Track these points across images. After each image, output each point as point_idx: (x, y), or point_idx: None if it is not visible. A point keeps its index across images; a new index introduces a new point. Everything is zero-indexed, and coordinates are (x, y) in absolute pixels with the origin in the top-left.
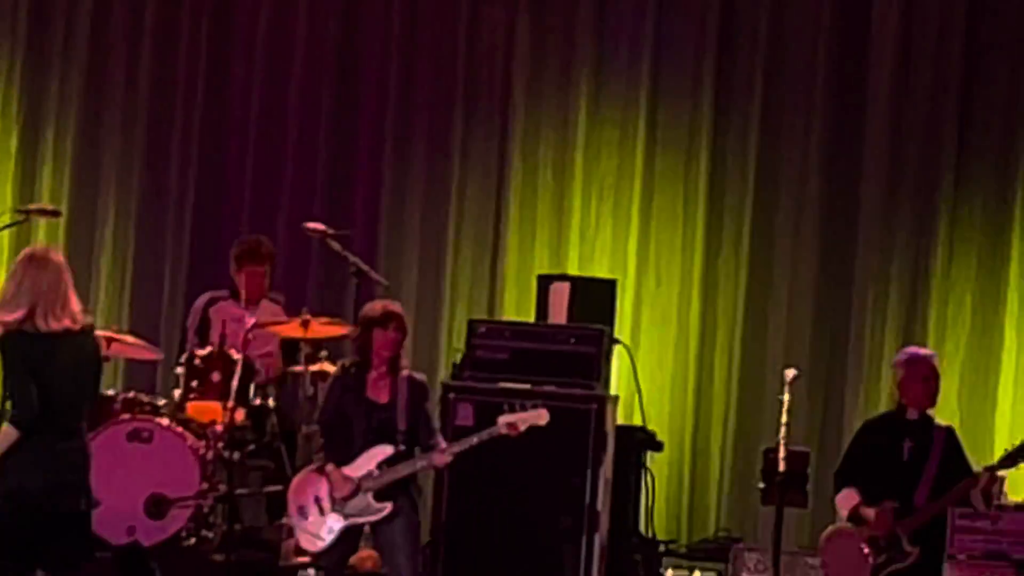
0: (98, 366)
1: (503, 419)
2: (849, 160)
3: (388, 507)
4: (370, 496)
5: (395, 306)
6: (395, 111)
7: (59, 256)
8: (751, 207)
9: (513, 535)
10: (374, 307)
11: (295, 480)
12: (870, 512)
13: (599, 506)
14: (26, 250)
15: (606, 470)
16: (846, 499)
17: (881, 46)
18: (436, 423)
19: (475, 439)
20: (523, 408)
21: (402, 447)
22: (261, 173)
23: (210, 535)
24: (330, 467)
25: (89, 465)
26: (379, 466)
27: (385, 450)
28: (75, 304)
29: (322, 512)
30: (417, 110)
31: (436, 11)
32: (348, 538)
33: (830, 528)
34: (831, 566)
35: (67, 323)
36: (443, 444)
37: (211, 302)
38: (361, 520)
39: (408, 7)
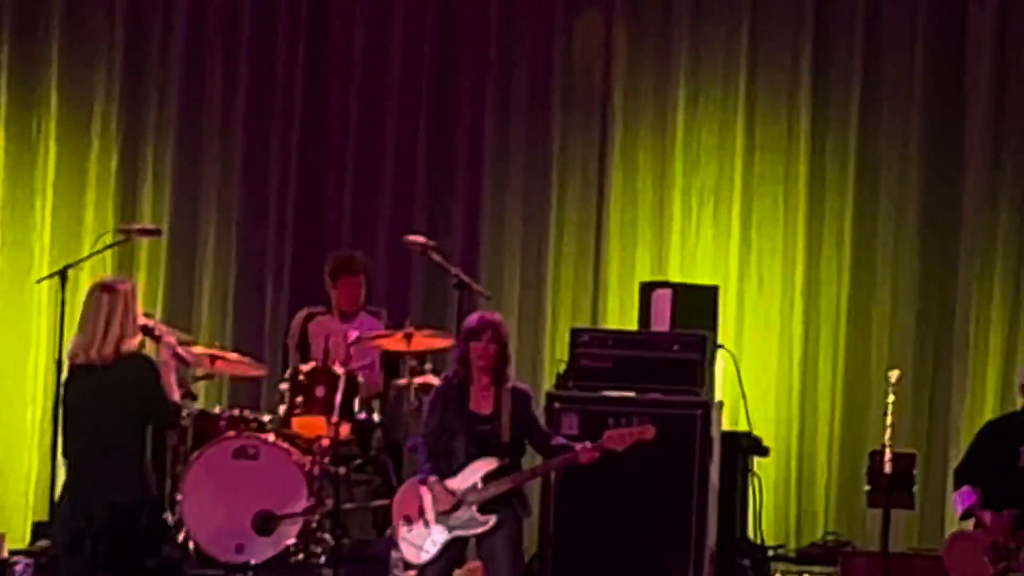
0: (132, 393)
1: (609, 434)
2: (950, 159)
3: (492, 520)
4: (474, 509)
5: (493, 317)
6: (493, 122)
7: (107, 287)
8: (852, 208)
9: (621, 544)
10: (471, 319)
11: (399, 493)
12: (986, 516)
13: (707, 512)
14: None
15: (713, 476)
16: (962, 497)
17: (979, 40)
18: (545, 426)
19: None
20: (630, 423)
21: (506, 460)
22: (360, 187)
23: (318, 550)
24: (433, 480)
25: (123, 483)
26: (483, 479)
27: (489, 463)
28: (106, 337)
29: (426, 525)
30: (515, 120)
31: (532, 21)
32: (453, 550)
33: (954, 531)
34: (953, 569)
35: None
36: (562, 441)
37: (309, 318)
38: (465, 533)
39: (504, 18)
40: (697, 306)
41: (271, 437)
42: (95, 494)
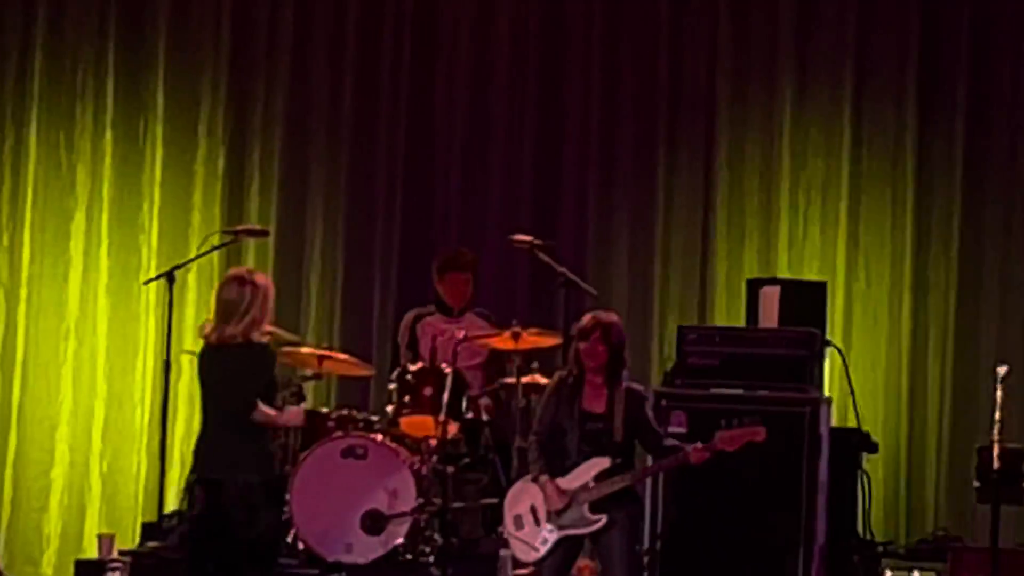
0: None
1: (721, 435)
2: None
3: (602, 519)
4: (585, 508)
5: (606, 317)
6: (600, 120)
7: (232, 276)
8: (960, 204)
9: (732, 541)
10: (582, 319)
11: (510, 492)
12: None
13: (816, 509)
14: None
15: (822, 473)
16: None
17: None
18: (657, 427)
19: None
20: (740, 424)
21: (618, 459)
22: (467, 187)
23: (427, 550)
24: (545, 479)
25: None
26: (595, 478)
27: (601, 462)
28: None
29: (537, 523)
30: (622, 119)
31: (638, 21)
32: (566, 548)
33: None
34: None
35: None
36: (674, 442)
37: (418, 318)
38: (576, 532)
39: (610, 19)
40: (805, 303)
41: (379, 437)
42: (225, 471)
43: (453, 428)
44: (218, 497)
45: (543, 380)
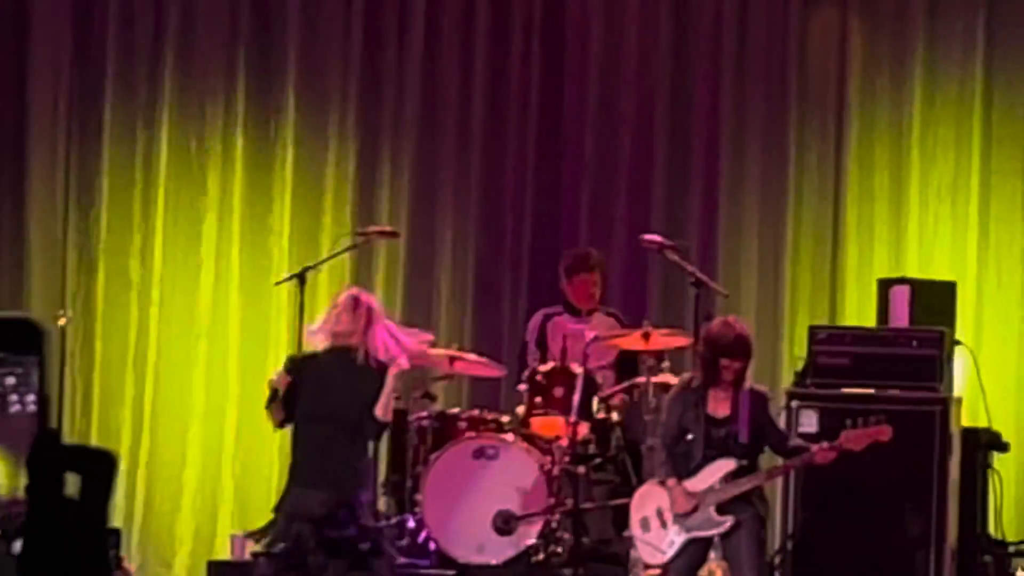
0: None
1: (846, 434)
2: None
3: (729, 521)
4: (712, 510)
5: (744, 330)
6: (728, 119)
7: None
8: None
9: (862, 541)
10: (723, 334)
11: (637, 494)
12: None
13: (947, 509)
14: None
15: (952, 472)
16: None
17: None
18: (783, 426)
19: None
20: (866, 424)
21: (744, 461)
22: (597, 187)
23: (558, 550)
24: (671, 481)
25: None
26: (722, 480)
27: (728, 464)
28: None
29: (664, 525)
30: (750, 117)
31: (767, 19)
32: (694, 550)
33: None
34: None
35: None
36: (800, 442)
37: (547, 318)
38: (703, 534)
39: (739, 17)
40: (935, 302)
41: (511, 437)
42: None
43: (584, 428)
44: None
45: (673, 380)
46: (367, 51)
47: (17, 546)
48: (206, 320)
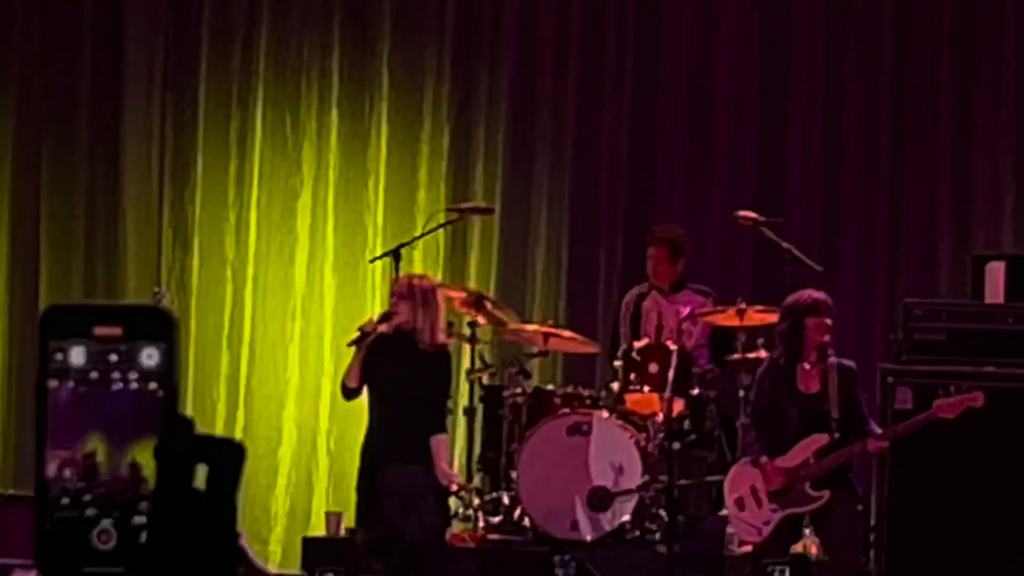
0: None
1: (939, 403)
2: None
3: (825, 496)
4: (807, 485)
5: (820, 293)
6: (824, 94)
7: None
8: None
9: (959, 521)
10: (801, 296)
11: (731, 472)
12: None
13: None
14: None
15: None
16: None
17: None
18: (866, 409)
19: (908, 424)
20: (958, 391)
21: (836, 435)
22: (692, 163)
23: (653, 527)
24: (764, 459)
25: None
26: (815, 455)
27: (820, 439)
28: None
29: (759, 504)
30: (846, 94)
31: (863, 5)
32: (788, 527)
33: None
34: None
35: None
36: (876, 430)
37: (640, 296)
38: (798, 510)
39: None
40: None
41: (605, 413)
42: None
43: (679, 405)
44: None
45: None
46: (461, 27)
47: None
48: (301, 297)
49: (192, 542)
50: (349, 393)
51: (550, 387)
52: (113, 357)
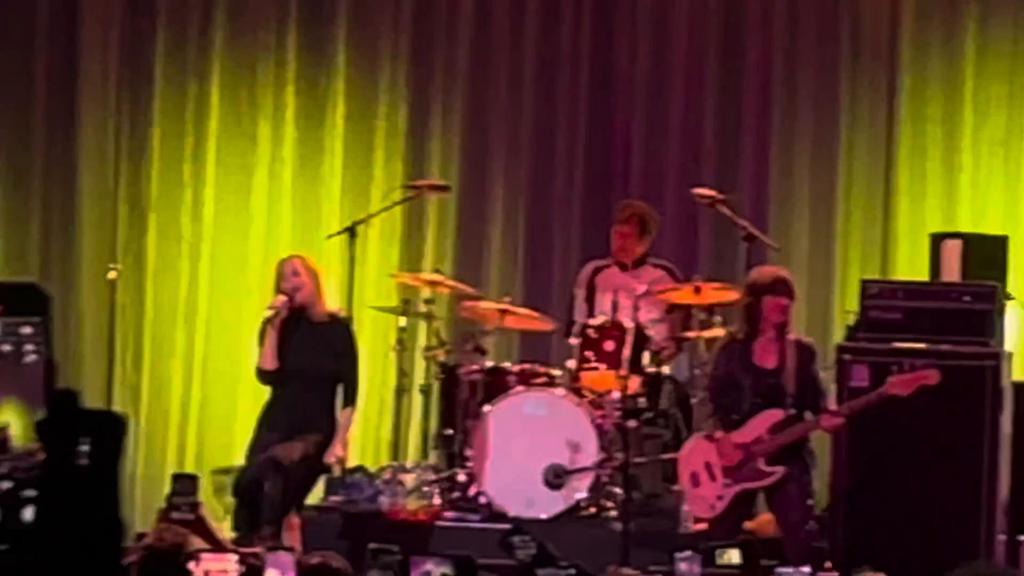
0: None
1: (893, 380)
2: None
3: (780, 471)
4: (761, 461)
5: (783, 272)
6: (781, 73)
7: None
8: None
9: (912, 497)
10: (763, 273)
11: (685, 447)
12: None
13: (998, 464)
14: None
15: (1004, 427)
16: None
17: None
18: (824, 386)
19: (862, 401)
20: (912, 368)
21: (792, 411)
22: (648, 140)
23: (608, 504)
24: (719, 434)
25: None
26: (769, 431)
27: (775, 414)
28: None
29: (713, 479)
30: (803, 72)
31: None
32: (742, 503)
33: None
34: None
35: None
36: (832, 407)
37: (597, 271)
38: (753, 485)
39: None
40: (987, 256)
41: (562, 391)
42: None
43: (635, 383)
44: None
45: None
46: (418, 5)
47: (27, 513)
48: (256, 273)
49: (77, 517)
50: (266, 376)
51: (506, 364)
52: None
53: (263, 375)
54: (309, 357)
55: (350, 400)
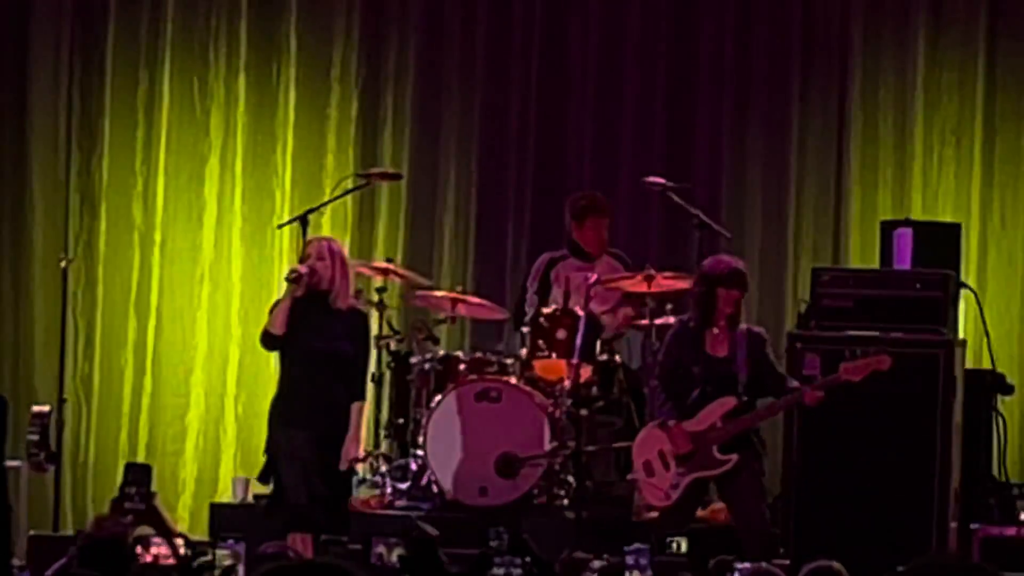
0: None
1: (845, 366)
2: None
3: (733, 459)
4: (714, 449)
5: (738, 263)
6: (733, 61)
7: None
8: None
9: (864, 484)
10: (718, 265)
11: (638, 437)
12: None
13: (950, 451)
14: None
15: (956, 415)
16: None
17: None
18: (782, 368)
19: (833, 378)
20: (865, 355)
21: (744, 398)
22: (600, 129)
23: (561, 493)
24: (672, 423)
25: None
26: (722, 419)
27: (727, 402)
28: None
29: (667, 467)
30: (755, 59)
31: None
32: (695, 492)
33: None
34: None
35: None
36: (796, 384)
37: (551, 263)
38: (706, 474)
39: None
40: (939, 244)
41: (514, 380)
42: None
43: (587, 371)
44: None
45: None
46: None
47: None
48: (208, 262)
49: None
50: (273, 341)
51: (458, 353)
52: None
53: (270, 339)
54: (326, 339)
55: (359, 394)
